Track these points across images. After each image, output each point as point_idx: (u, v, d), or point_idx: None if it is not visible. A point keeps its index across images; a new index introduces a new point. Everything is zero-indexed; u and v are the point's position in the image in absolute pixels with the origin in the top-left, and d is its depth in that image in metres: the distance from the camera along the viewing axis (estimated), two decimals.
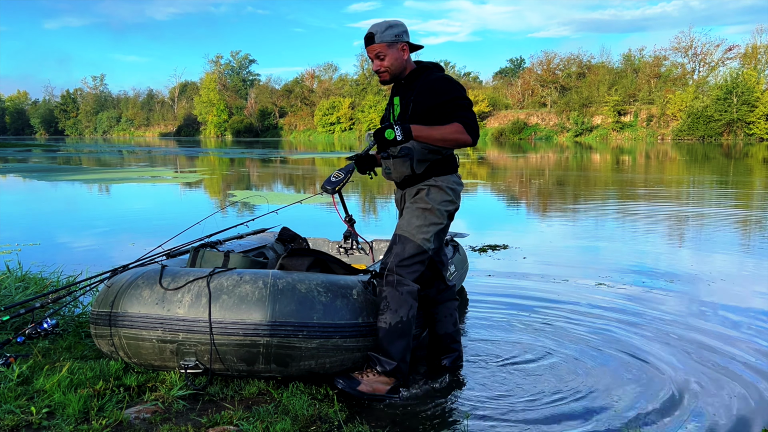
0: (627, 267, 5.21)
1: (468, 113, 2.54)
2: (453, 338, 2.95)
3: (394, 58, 2.65)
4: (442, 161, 2.70)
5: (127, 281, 2.69)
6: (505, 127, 58.00)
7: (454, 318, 2.96)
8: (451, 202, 2.71)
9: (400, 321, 2.55)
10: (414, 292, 2.61)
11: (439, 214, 2.67)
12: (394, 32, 2.63)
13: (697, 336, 3.46)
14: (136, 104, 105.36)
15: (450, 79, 2.64)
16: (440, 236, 2.73)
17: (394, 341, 2.55)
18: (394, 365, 2.54)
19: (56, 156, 30.00)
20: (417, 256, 2.63)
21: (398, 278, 2.59)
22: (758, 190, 12.25)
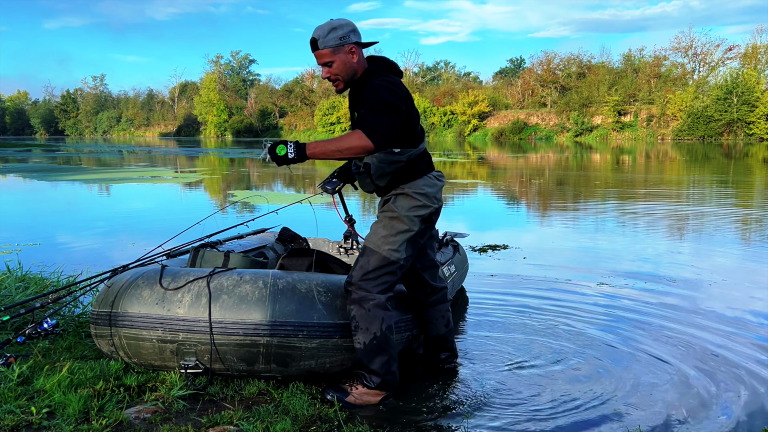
0: (627, 267, 5.21)
1: (375, 116, 2.30)
2: (446, 339, 2.92)
3: (342, 63, 2.48)
4: (407, 168, 2.56)
5: (127, 281, 2.69)
6: (505, 127, 58.00)
7: (446, 319, 2.91)
8: (421, 206, 2.57)
9: (374, 338, 2.48)
10: (382, 303, 2.51)
11: (407, 221, 2.55)
12: (338, 35, 2.45)
13: (699, 336, 3.45)
14: (136, 104, 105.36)
15: (374, 87, 2.42)
16: (413, 243, 2.60)
17: (373, 359, 2.49)
18: (379, 380, 2.52)
19: (56, 156, 30.00)
20: (384, 268, 2.52)
21: (362, 294, 2.49)
22: (759, 190, 12.25)
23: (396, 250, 2.53)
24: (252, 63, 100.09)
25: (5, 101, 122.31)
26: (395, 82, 2.49)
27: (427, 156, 2.66)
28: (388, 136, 2.30)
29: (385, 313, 2.52)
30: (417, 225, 2.57)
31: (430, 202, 2.59)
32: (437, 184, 2.65)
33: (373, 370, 2.51)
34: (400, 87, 2.49)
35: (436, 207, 2.63)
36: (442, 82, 78.49)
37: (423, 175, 2.59)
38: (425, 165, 2.62)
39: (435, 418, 2.47)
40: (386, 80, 2.46)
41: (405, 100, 2.47)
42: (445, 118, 63.00)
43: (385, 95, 2.37)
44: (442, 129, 62.84)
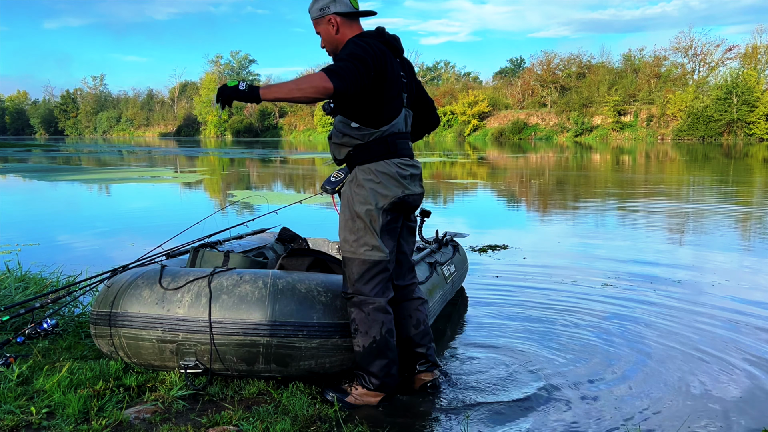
0: (627, 267, 5.20)
1: (340, 63, 2.22)
2: (415, 342, 2.67)
3: (325, 33, 2.49)
4: (362, 147, 2.44)
5: (127, 281, 2.69)
6: (505, 127, 57.99)
7: (415, 319, 2.67)
8: (376, 195, 2.42)
9: (374, 341, 2.44)
10: (382, 306, 2.45)
11: (367, 217, 2.41)
12: (318, 6, 2.46)
13: (699, 336, 3.45)
14: (136, 104, 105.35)
15: (346, 45, 2.38)
16: (388, 234, 2.48)
17: (372, 362, 2.47)
18: (378, 383, 2.49)
19: (56, 156, 29.99)
20: (371, 270, 2.43)
21: (361, 299, 2.44)
22: (759, 190, 12.25)
23: (374, 248, 2.43)
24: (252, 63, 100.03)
25: (5, 101, 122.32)
26: (369, 42, 2.38)
27: (393, 141, 2.47)
28: (349, 80, 2.18)
29: (385, 317, 2.47)
30: (380, 218, 2.43)
31: (387, 191, 2.43)
32: (399, 172, 2.47)
33: (372, 373, 2.48)
34: (373, 47, 2.36)
35: (398, 196, 2.45)
36: (442, 82, 78.49)
37: (378, 160, 2.44)
38: (384, 149, 2.45)
39: (435, 418, 2.47)
40: (361, 40, 2.39)
41: (376, 62, 2.33)
42: (445, 118, 62.97)
43: (354, 50, 2.30)
44: (442, 129, 62.80)
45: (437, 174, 17.27)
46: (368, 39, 2.41)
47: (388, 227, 2.49)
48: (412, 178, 2.53)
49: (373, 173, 2.44)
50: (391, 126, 2.47)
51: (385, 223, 2.46)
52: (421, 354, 2.68)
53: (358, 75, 2.23)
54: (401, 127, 2.53)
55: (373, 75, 2.32)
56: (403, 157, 2.51)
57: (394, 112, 2.49)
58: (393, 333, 2.52)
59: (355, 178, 2.46)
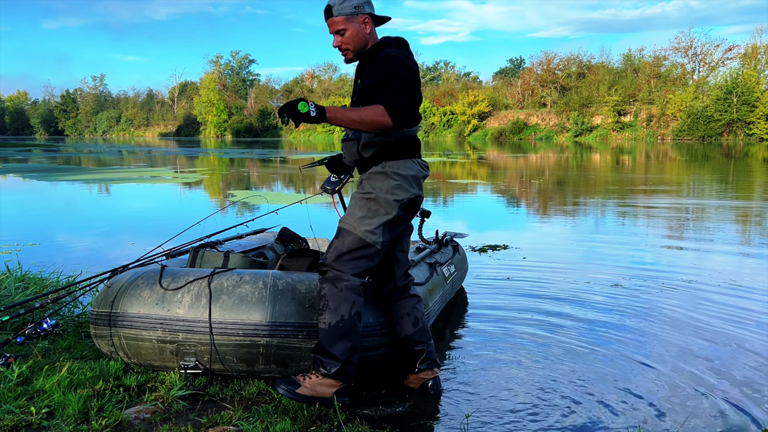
0: (627, 267, 5.20)
1: (394, 93, 2.29)
2: (414, 340, 2.65)
3: (354, 32, 2.45)
4: (394, 145, 2.48)
5: (126, 281, 2.69)
6: (504, 127, 58.01)
7: (413, 317, 2.67)
8: (401, 189, 2.46)
9: (341, 320, 2.36)
10: (356, 287, 2.40)
11: (384, 203, 2.43)
12: (353, 3, 2.42)
13: (700, 336, 3.45)
14: (136, 104, 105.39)
15: (390, 58, 2.38)
16: (390, 228, 2.49)
17: (335, 342, 2.37)
18: (337, 366, 2.37)
19: (56, 156, 29.99)
20: (360, 250, 2.41)
21: (336, 273, 2.38)
22: (759, 189, 12.25)
23: (372, 232, 2.41)
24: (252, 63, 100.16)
25: (5, 101, 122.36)
26: (410, 57, 2.48)
27: (418, 141, 2.59)
28: (405, 115, 2.30)
29: (357, 298, 2.40)
30: (395, 209, 2.45)
31: (409, 186, 2.49)
32: (421, 172, 2.55)
33: (332, 354, 2.37)
34: (413, 64, 2.46)
35: (415, 194, 2.51)
36: (442, 82, 78.53)
37: (408, 158, 2.51)
38: (413, 148, 2.54)
39: (435, 418, 2.47)
40: (403, 53, 2.45)
41: (417, 79, 2.45)
42: (445, 118, 63.00)
43: (402, 71, 2.35)
44: (442, 129, 62.84)
45: (437, 174, 17.27)
46: (406, 52, 2.49)
47: (395, 222, 2.49)
48: (423, 180, 2.60)
49: (402, 168, 2.48)
50: (418, 126, 2.58)
51: (397, 216, 2.47)
52: (420, 351, 2.66)
53: (411, 106, 2.36)
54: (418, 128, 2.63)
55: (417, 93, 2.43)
56: (421, 157, 2.60)
57: (419, 113, 2.58)
58: (361, 318, 2.45)
59: (383, 169, 2.47)
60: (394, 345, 2.72)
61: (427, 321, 3.03)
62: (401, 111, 2.27)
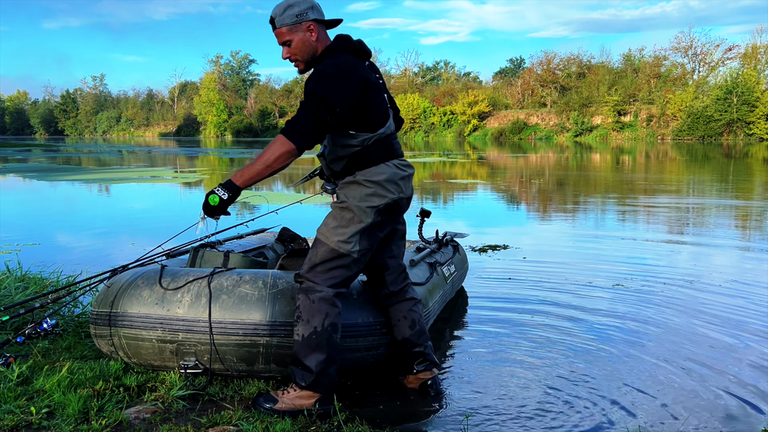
0: (628, 267, 5.20)
1: (298, 115, 2.23)
2: (412, 342, 2.64)
3: (300, 42, 2.36)
4: (362, 153, 2.40)
5: (126, 281, 2.68)
6: (505, 127, 58.02)
7: (410, 320, 2.65)
8: (375, 196, 2.39)
9: (314, 332, 2.33)
10: (329, 298, 2.36)
11: (358, 211, 2.37)
12: (294, 12, 2.33)
13: (700, 335, 3.45)
14: (136, 104, 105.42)
15: (315, 73, 2.28)
16: (369, 236, 2.43)
17: (309, 354, 2.34)
18: (312, 379, 2.35)
19: (56, 156, 29.99)
20: (333, 261, 2.37)
21: (309, 285, 2.36)
22: (759, 189, 12.25)
23: (346, 242, 2.37)
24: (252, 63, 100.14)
25: (5, 101, 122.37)
26: (342, 63, 2.31)
27: (389, 143, 2.47)
28: (310, 135, 2.21)
29: (331, 309, 2.36)
30: (370, 216, 2.39)
31: (385, 191, 2.40)
32: (398, 173, 2.45)
33: (306, 366, 2.35)
34: (344, 70, 2.29)
35: (394, 198, 2.43)
36: (442, 82, 78.52)
37: (380, 163, 2.42)
38: (384, 152, 2.44)
39: (435, 418, 2.47)
40: (331, 63, 2.30)
41: (348, 85, 2.28)
42: (445, 118, 63.02)
43: (318, 87, 2.23)
44: (442, 129, 62.85)
45: (437, 174, 17.28)
46: (339, 58, 2.34)
47: (373, 229, 2.43)
48: (408, 180, 2.51)
49: (375, 175, 2.41)
50: (385, 128, 2.46)
51: (374, 223, 2.41)
52: (418, 353, 2.65)
53: (318, 123, 2.22)
54: (391, 128, 2.52)
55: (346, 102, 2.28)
56: (399, 157, 2.50)
57: (385, 114, 2.47)
58: (337, 329, 2.40)
59: (355, 178, 2.42)
60: (393, 346, 2.71)
61: (426, 322, 3.03)
62: (301, 131, 2.20)
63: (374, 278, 2.67)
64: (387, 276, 2.64)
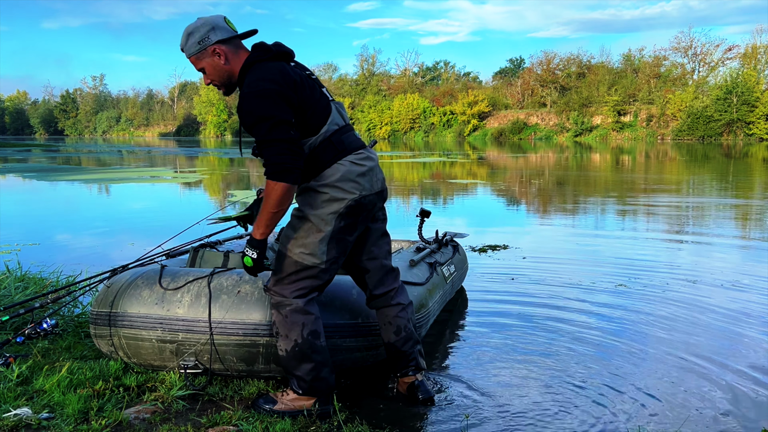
0: (628, 267, 5.20)
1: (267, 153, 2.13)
2: (396, 348, 2.56)
3: (211, 67, 2.27)
4: (310, 159, 2.26)
5: (126, 281, 2.68)
6: (504, 127, 58.03)
7: (395, 326, 2.54)
8: (331, 200, 2.26)
9: (295, 344, 2.29)
10: (300, 308, 2.29)
11: (316, 220, 2.26)
12: (196, 39, 2.25)
13: (701, 336, 3.45)
14: (136, 104, 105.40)
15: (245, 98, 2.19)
16: (337, 242, 2.31)
17: (297, 365, 2.32)
18: (306, 386, 2.35)
19: (56, 156, 29.99)
20: (299, 273, 2.29)
21: (278, 299, 2.31)
22: (759, 189, 12.25)
23: (310, 254, 2.27)
24: None
25: (5, 101, 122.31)
26: (266, 74, 2.19)
27: (338, 140, 2.30)
28: (294, 167, 2.14)
29: (306, 318, 2.30)
30: (331, 224, 2.27)
31: (342, 194, 2.26)
32: (354, 170, 2.29)
33: (299, 377, 2.34)
34: (273, 80, 2.17)
35: (354, 198, 2.28)
36: (442, 82, 78.49)
37: (331, 163, 2.27)
38: (333, 151, 2.28)
39: (435, 418, 2.47)
40: (258, 82, 2.17)
41: (287, 94, 2.17)
42: (445, 118, 63.02)
43: (259, 110, 2.14)
44: (442, 129, 62.86)
45: (437, 174, 17.28)
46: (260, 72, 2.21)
47: (340, 235, 2.31)
48: (370, 174, 2.34)
49: (327, 178, 2.27)
50: (328, 124, 2.30)
51: (337, 229, 2.29)
52: (403, 357, 2.58)
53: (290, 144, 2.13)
54: (338, 121, 2.34)
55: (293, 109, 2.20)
56: (354, 151, 2.33)
57: (325, 110, 2.31)
58: (318, 334, 2.34)
59: (309, 185, 2.29)
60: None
61: (425, 324, 3.02)
62: (283, 167, 2.12)
63: (356, 280, 2.60)
64: (368, 279, 2.53)
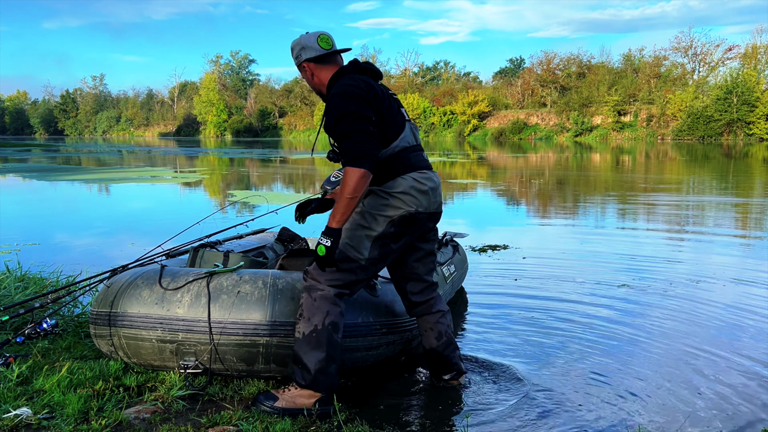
0: (628, 266, 5.20)
1: (348, 143, 2.29)
2: (438, 353, 2.69)
3: (307, 80, 2.59)
4: (380, 168, 2.42)
5: (126, 281, 2.68)
6: (505, 127, 58.01)
7: (437, 331, 2.68)
8: (388, 206, 2.41)
9: (314, 330, 2.35)
10: (330, 297, 2.38)
11: (369, 218, 2.41)
12: (294, 56, 2.58)
13: (701, 336, 3.45)
14: (136, 104, 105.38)
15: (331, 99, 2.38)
16: (381, 246, 2.43)
17: (308, 352, 2.36)
18: (310, 378, 2.36)
19: (56, 156, 29.99)
20: (340, 262, 2.37)
21: (312, 283, 2.40)
22: (759, 189, 12.25)
23: (354, 247, 2.40)
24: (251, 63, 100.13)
25: (5, 101, 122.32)
26: (352, 83, 2.38)
27: (406, 156, 2.48)
28: (370, 154, 2.27)
29: (332, 308, 2.38)
30: (382, 226, 2.41)
31: (400, 204, 2.42)
32: (416, 186, 2.45)
33: (305, 365, 2.36)
34: (357, 86, 2.37)
35: (410, 210, 2.43)
36: (442, 82, 78.49)
37: (398, 176, 2.44)
38: (399, 165, 2.45)
39: (435, 418, 2.47)
40: (343, 86, 2.37)
41: (369, 99, 2.36)
42: (445, 118, 63.00)
43: (343, 107, 2.31)
44: (442, 129, 62.84)
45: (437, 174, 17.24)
46: (348, 80, 2.41)
47: (386, 239, 2.43)
48: (430, 194, 2.50)
49: (390, 188, 2.43)
50: (400, 140, 2.47)
51: (386, 233, 2.42)
52: (445, 363, 2.71)
53: (370, 138, 2.29)
54: (410, 140, 2.52)
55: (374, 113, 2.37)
56: (419, 170, 2.49)
57: (399, 127, 2.49)
58: (338, 329, 2.41)
59: (373, 189, 2.45)
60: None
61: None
62: (362, 155, 2.26)
63: (397, 289, 2.74)
64: (408, 288, 2.67)
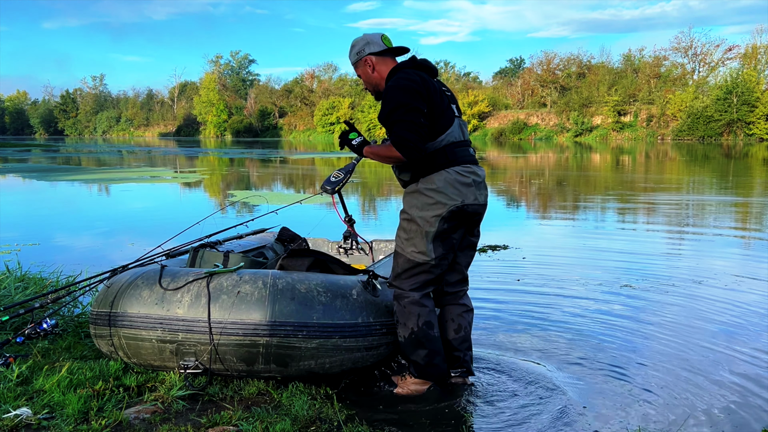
0: (628, 266, 5.20)
1: (397, 128, 2.46)
2: (453, 346, 2.75)
3: (365, 75, 2.73)
4: (425, 161, 2.56)
5: (126, 281, 2.68)
6: (505, 127, 58.00)
7: (457, 324, 2.76)
8: (435, 204, 2.53)
9: (412, 332, 2.59)
10: (416, 301, 2.60)
11: (422, 222, 2.54)
12: (355, 51, 2.72)
13: (701, 336, 3.45)
14: (136, 104, 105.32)
15: (387, 91, 2.55)
16: (443, 241, 2.57)
17: (414, 351, 2.61)
18: (420, 370, 2.63)
19: (56, 156, 29.98)
20: (413, 269, 2.59)
21: (398, 292, 2.63)
22: (759, 189, 12.25)
23: (420, 252, 2.56)
24: (251, 63, 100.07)
25: (5, 101, 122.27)
26: (407, 76, 2.53)
27: (451, 150, 2.58)
28: (415, 146, 2.44)
29: (421, 309, 2.59)
30: (435, 225, 2.54)
31: (446, 199, 2.53)
32: (459, 179, 2.56)
33: (414, 362, 2.63)
34: (413, 80, 2.51)
35: (456, 204, 2.53)
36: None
37: (441, 169, 2.55)
38: (444, 159, 2.56)
39: (435, 418, 2.47)
40: (399, 78, 2.54)
41: (421, 92, 2.50)
42: None
43: (398, 98, 2.47)
44: None
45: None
46: (404, 73, 2.57)
47: (445, 234, 2.57)
48: (475, 186, 2.61)
49: (434, 182, 2.54)
50: (447, 135, 2.57)
51: (441, 230, 2.55)
52: (456, 359, 2.76)
53: (419, 130, 2.46)
54: (457, 135, 2.62)
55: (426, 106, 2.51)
56: (464, 164, 2.60)
57: (447, 122, 2.60)
58: (432, 325, 2.62)
59: (417, 187, 2.58)
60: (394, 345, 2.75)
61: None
62: (408, 145, 2.44)
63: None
64: (446, 277, 2.76)
